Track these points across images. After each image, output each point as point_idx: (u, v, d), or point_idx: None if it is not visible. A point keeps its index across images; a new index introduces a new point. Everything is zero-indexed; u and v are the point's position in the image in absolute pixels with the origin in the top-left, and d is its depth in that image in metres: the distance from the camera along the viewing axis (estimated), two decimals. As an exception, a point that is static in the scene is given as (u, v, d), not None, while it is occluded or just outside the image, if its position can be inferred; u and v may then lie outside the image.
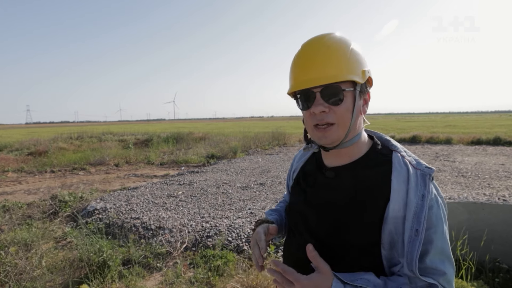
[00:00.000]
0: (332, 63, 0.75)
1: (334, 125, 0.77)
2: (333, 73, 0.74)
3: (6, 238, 3.81)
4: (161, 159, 11.52)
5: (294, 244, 0.94)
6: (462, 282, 2.24)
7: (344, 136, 0.78)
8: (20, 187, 7.48)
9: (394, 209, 0.74)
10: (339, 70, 0.75)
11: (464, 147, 12.80)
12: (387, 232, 0.74)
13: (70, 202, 5.49)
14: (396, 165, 0.78)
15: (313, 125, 0.80)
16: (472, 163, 8.82)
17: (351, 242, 0.78)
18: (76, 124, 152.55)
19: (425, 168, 0.76)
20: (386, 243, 0.75)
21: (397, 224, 0.74)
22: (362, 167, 0.83)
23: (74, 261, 3.26)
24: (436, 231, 0.73)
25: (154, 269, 3.28)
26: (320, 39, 0.79)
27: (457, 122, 39.28)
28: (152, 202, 5.45)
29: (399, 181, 0.75)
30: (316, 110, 0.76)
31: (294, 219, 0.95)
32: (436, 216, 0.73)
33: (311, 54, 0.77)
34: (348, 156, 0.85)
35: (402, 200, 0.74)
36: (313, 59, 0.76)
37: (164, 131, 24.64)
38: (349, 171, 0.84)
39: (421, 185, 0.74)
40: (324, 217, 0.84)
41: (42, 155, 12.22)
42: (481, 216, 2.78)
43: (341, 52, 0.76)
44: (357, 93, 0.77)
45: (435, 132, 17.69)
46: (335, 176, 0.85)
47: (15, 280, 2.84)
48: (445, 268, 0.72)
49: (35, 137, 19.62)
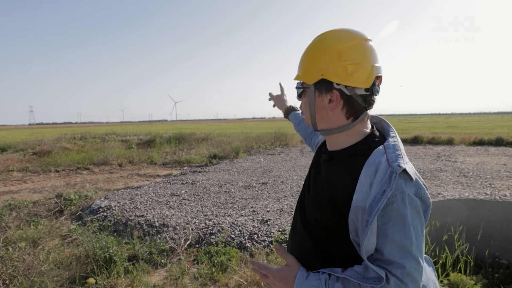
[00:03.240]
0: (302, 63, 0.90)
1: (304, 115, 0.97)
2: (299, 72, 0.91)
3: (14, 235, 3.89)
4: (164, 159, 11.60)
5: (292, 238, 1.05)
6: (461, 276, 2.28)
7: (312, 124, 0.93)
8: (25, 186, 7.57)
9: (357, 199, 0.78)
10: (306, 69, 0.88)
11: (466, 148, 12.80)
12: (350, 220, 0.79)
13: (75, 200, 5.56)
14: (371, 158, 0.80)
15: None
16: (473, 163, 8.84)
17: (328, 224, 0.87)
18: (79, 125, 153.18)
19: (396, 166, 0.74)
20: (352, 230, 0.79)
21: (358, 214, 0.77)
22: (349, 154, 0.88)
23: (81, 257, 3.33)
24: (394, 226, 0.73)
25: (158, 265, 3.34)
26: (314, 39, 0.90)
27: (459, 123, 39.17)
28: (156, 201, 5.51)
29: (367, 174, 0.78)
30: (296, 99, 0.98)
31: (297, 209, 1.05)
32: (397, 212, 0.73)
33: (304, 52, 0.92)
34: (338, 144, 0.92)
35: (365, 192, 0.76)
36: (301, 57, 0.92)
37: (167, 131, 24.74)
38: (339, 157, 0.91)
39: (386, 181, 0.74)
40: (313, 195, 0.96)
41: (46, 155, 12.32)
42: (481, 212, 2.82)
43: (311, 53, 0.88)
44: (315, 90, 0.88)
45: (437, 133, 17.68)
46: (329, 159, 0.94)
47: (23, 275, 2.91)
48: (405, 262, 0.72)
49: (39, 138, 19.76)
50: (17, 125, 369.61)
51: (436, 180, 6.87)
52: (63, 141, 16.66)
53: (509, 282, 2.51)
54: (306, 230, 0.93)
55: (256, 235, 3.85)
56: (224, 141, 15.59)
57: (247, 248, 3.60)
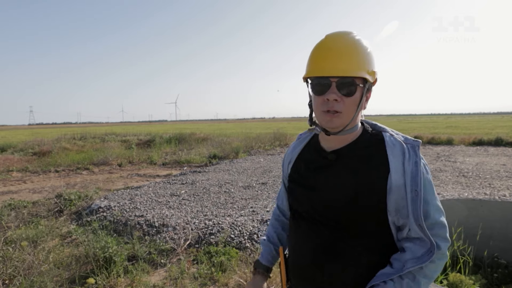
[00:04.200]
0: (352, 58, 0.85)
1: (341, 113, 0.86)
2: (351, 68, 0.84)
3: (13, 235, 3.89)
4: (164, 159, 11.60)
5: (309, 237, 0.98)
6: (460, 276, 2.28)
7: (346, 124, 0.88)
8: (25, 186, 7.57)
9: (395, 178, 0.84)
10: (357, 66, 0.84)
11: (466, 148, 12.81)
12: (393, 200, 0.85)
13: (75, 200, 5.56)
14: (389, 142, 0.90)
15: (322, 110, 0.88)
16: (473, 164, 8.84)
17: (362, 213, 0.87)
18: (78, 125, 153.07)
19: (413, 141, 0.89)
20: (392, 210, 0.85)
21: (400, 191, 0.84)
22: (359, 147, 0.93)
23: (80, 257, 3.33)
24: (429, 191, 0.86)
25: (158, 265, 3.34)
26: (344, 35, 0.88)
27: (458, 123, 39.19)
28: (156, 201, 5.51)
29: (394, 155, 0.87)
30: (330, 97, 0.85)
31: (303, 212, 0.99)
32: (427, 179, 0.86)
33: (333, 46, 0.86)
34: (346, 140, 0.94)
35: (400, 170, 0.85)
36: (335, 51, 0.86)
37: (166, 132, 24.73)
38: (348, 152, 0.93)
39: (413, 155, 0.85)
40: (333, 196, 0.92)
41: (46, 155, 12.32)
42: (480, 212, 2.82)
43: (360, 51, 0.86)
44: (365, 89, 0.88)
45: (436, 133, 17.70)
46: (337, 158, 0.94)
47: (23, 275, 2.91)
48: (443, 220, 0.86)
49: (39, 138, 19.76)
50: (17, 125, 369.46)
51: (435, 180, 6.87)
52: (63, 141, 16.65)
53: (508, 281, 2.51)
54: (336, 236, 0.91)
55: (256, 235, 3.86)
56: (224, 141, 15.59)
57: (247, 248, 3.60)
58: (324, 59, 0.86)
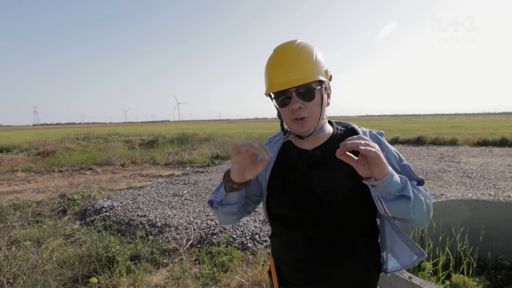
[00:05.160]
0: (303, 66, 0.90)
1: (308, 117, 0.92)
2: (304, 75, 0.89)
3: (18, 234, 3.92)
4: (166, 159, 11.64)
5: (300, 238, 0.98)
6: (464, 277, 2.27)
7: (316, 125, 0.95)
8: (29, 186, 7.63)
9: None
10: (309, 72, 0.90)
11: (470, 148, 12.73)
12: None
13: (78, 200, 5.59)
14: (360, 131, 1.01)
15: (290, 119, 0.94)
16: (477, 164, 8.79)
17: (356, 195, 0.92)
18: (82, 126, 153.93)
19: (377, 131, 1.03)
20: None
21: None
22: (336, 140, 0.99)
23: (83, 257, 3.35)
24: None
25: (160, 265, 3.35)
26: (289, 46, 0.92)
27: (463, 123, 38.93)
28: (158, 201, 5.53)
29: (369, 138, 0.92)
30: (294, 107, 0.90)
31: (295, 211, 0.98)
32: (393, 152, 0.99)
33: (283, 60, 0.91)
34: (322, 138, 1.02)
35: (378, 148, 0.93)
36: (286, 64, 0.90)
37: (169, 132, 24.79)
38: (329, 146, 0.99)
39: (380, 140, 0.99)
40: (331, 190, 0.94)
41: (50, 155, 12.41)
42: (484, 213, 2.80)
43: (308, 57, 0.91)
44: (323, 89, 0.94)
45: (440, 133, 17.59)
46: (321, 153, 0.99)
47: (27, 274, 2.93)
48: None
49: (43, 138, 19.90)
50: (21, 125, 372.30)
51: (439, 180, 6.84)
52: (66, 142, 16.76)
53: (511, 283, 2.49)
54: (335, 223, 0.94)
55: (258, 235, 3.86)
56: (227, 142, 15.59)
57: (249, 249, 3.60)
58: (278, 74, 0.91)
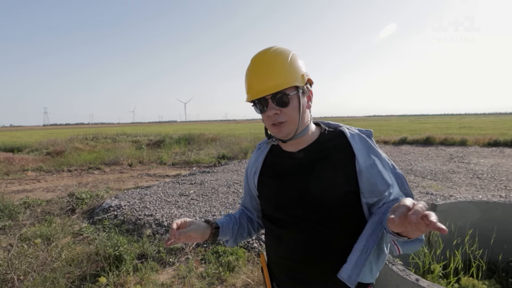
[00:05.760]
0: (276, 73, 0.92)
1: (286, 122, 0.95)
2: (278, 82, 0.91)
3: (28, 232, 3.99)
4: (173, 159, 11.71)
5: (295, 237, 1.01)
6: (473, 280, 2.23)
7: (295, 129, 0.96)
8: (39, 185, 7.75)
9: (362, 161, 0.93)
10: (283, 79, 0.91)
11: (480, 149, 12.51)
12: (364, 180, 0.92)
13: (87, 199, 5.66)
14: (348, 133, 1.01)
15: (269, 124, 0.97)
16: (488, 165, 8.63)
17: (337, 198, 0.93)
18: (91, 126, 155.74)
19: (366, 131, 1.03)
20: (366, 191, 0.92)
21: (371, 170, 0.93)
22: (322, 142, 1.02)
23: (91, 255, 3.39)
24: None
25: (167, 264, 3.37)
26: (263, 54, 0.95)
27: (473, 123, 38.30)
28: (165, 200, 5.57)
29: (356, 142, 0.97)
30: (270, 113, 0.94)
31: (283, 212, 1.03)
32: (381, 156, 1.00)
33: (259, 68, 0.94)
34: (306, 141, 1.03)
35: (365, 153, 0.95)
36: (261, 72, 0.93)
37: (176, 132, 24.94)
38: (314, 148, 1.02)
39: (371, 140, 1.00)
40: (314, 191, 0.96)
41: (59, 155, 12.59)
42: (494, 215, 2.75)
43: (282, 64, 0.93)
44: (300, 94, 0.95)
45: (449, 134, 17.32)
46: (304, 155, 1.01)
47: (37, 271, 2.98)
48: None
49: (53, 138, 20.21)
50: (32, 126, 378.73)
51: (448, 182, 6.74)
52: (75, 142, 16.99)
53: (523, 287, 2.44)
54: (319, 223, 0.96)
55: (264, 236, 3.85)
56: (233, 142, 15.62)
57: (255, 249, 3.60)
58: (254, 82, 0.94)
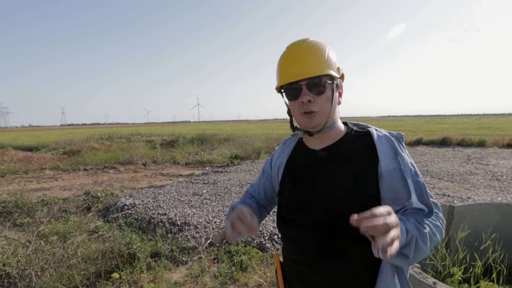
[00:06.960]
0: (315, 60, 0.91)
1: (318, 112, 0.92)
2: (316, 68, 0.90)
3: (45, 230, 4.10)
4: (186, 159, 11.82)
5: (305, 240, 0.96)
6: (493, 285, 2.15)
7: (325, 121, 0.93)
8: (56, 183, 7.96)
9: (385, 164, 0.87)
10: (321, 65, 0.90)
11: (499, 150, 12.11)
12: (385, 185, 0.86)
13: (102, 198, 5.78)
14: (375, 134, 0.95)
15: (300, 113, 0.93)
16: (507, 167, 8.35)
17: (354, 203, 0.86)
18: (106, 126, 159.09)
19: (397, 134, 0.96)
20: (386, 197, 0.86)
21: (393, 175, 0.86)
22: (347, 142, 0.98)
23: (106, 253, 3.46)
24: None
25: (180, 263, 3.40)
26: (302, 42, 0.94)
27: (491, 124, 37.12)
28: (178, 200, 5.62)
29: (382, 144, 0.92)
30: (304, 99, 0.90)
31: (301, 213, 0.98)
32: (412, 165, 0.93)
33: (296, 53, 0.93)
34: (332, 138, 1.00)
35: (389, 156, 0.89)
36: (298, 57, 0.92)
37: (189, 132, 25.19)
38: (338, 148, 0.98)
39: (400, 143, 0.93)
40: (333, 192, 0.92)
41: (76, 154, 12.92)
42: (515, 218, 2.65)
43: (320, 52, 0.92)
44: (334, 86, 0.93)
45: (467, 134, 16.83)
46: (328, 154, 0.97)
47: (54, 267, 3.05)
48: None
49: (69, 138, 20.76)
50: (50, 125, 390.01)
51: (466, 183, 6.55)
52: (91, 141, 17.39)
53: (547, 293, 2.34)
54: (333, 228, 0.90)
55: (276, 236, 3.84)
56: (246, 142, 15.65)
57: (267, 249, 3.59)
58: (290, 66, 0.92)
